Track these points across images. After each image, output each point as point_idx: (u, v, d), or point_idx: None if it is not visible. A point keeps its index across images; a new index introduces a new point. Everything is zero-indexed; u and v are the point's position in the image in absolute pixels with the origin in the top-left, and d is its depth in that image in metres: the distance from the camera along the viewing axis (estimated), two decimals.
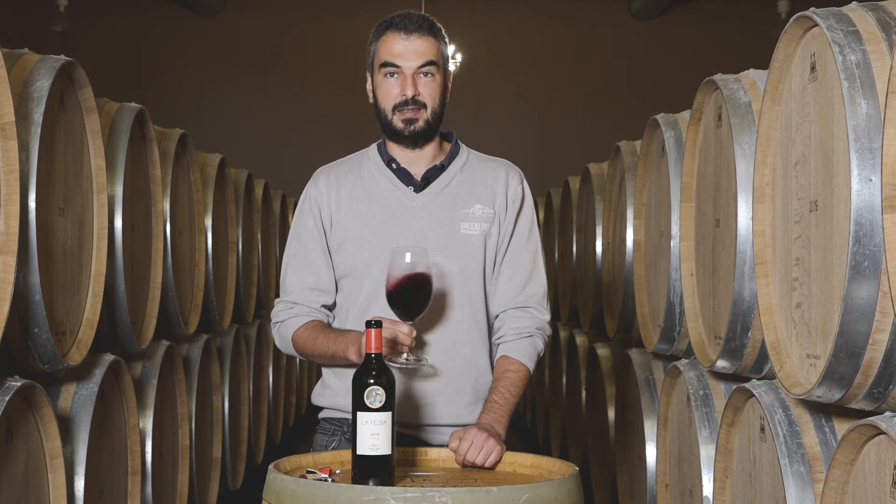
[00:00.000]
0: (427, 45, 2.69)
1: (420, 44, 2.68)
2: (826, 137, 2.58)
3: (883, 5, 2.49)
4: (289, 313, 2.80)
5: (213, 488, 5.58)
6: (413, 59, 2.68)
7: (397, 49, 2.68)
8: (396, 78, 2.69)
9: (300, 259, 2.80)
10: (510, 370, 2.72)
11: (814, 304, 2.65)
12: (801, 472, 2.74)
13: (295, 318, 2.79)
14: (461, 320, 2.73)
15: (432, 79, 2.70)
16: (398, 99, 2.69)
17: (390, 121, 2.71)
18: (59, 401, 3.47)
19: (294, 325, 2.78)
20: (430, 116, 2.71)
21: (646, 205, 4.56)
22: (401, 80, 2.69)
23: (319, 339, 2.71)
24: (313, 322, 2.77)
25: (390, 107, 2.70)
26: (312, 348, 2.73)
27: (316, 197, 2.79)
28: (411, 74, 2.68)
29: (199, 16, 13.31)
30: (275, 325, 2.84)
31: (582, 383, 6.11)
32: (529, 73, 13.44)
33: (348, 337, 2.63)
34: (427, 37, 2.70)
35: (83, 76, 3.48)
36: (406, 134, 2.71)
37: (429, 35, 2.70)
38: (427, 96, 2.69)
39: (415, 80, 2.68)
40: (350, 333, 2.64)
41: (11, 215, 2.80)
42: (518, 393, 2.70)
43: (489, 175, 2.80)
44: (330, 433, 2.79)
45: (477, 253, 2.74)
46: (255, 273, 6.87)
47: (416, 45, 2.68)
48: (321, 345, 2.70)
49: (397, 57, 2.68)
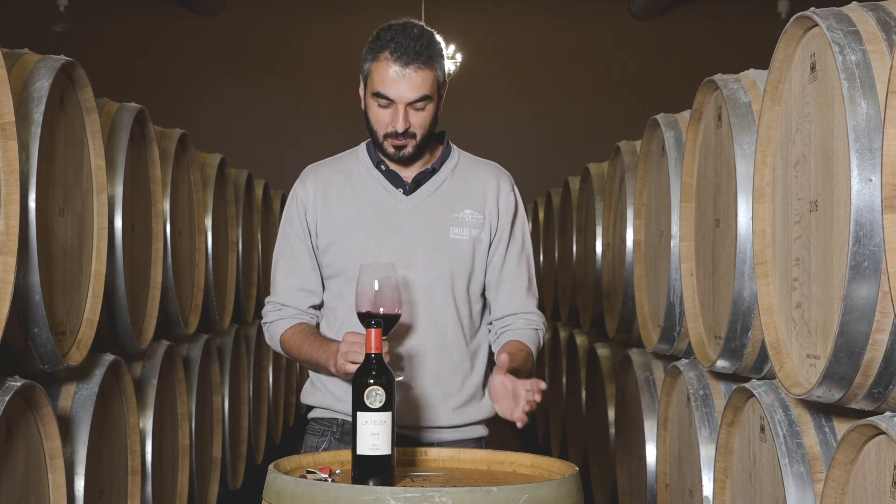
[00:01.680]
0: (422, 79, 2.62)
1: (415, 78, 2.61)
2: (826, 137, 2.58)
3: (883, 5, 2.49)
4: (277, 315, 2.81)
5: (213, 488, 5.58)
6: (407, 93, 2.61)
7: (391, 81, 2.61)
8: (388, 108, 2.64)
9: (287, 259, 2.81)
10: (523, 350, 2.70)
11: (814, 304, 2.65)
12: (801, 472, 2.74)
13: (282, 321, 2.80)
14: (449, 324, 2.73)
15: (424, 110, 2.65)
16: (389, 129, 2.65)
17: (381, 143, 2.69)
18: (59, 401, 3.47)
19: (282, 328, 2.79)
20: (420, 142, 2.69)
21: (646, 205, 4.56)
22: (392, 112, 2.64)
23: (304, 346, 2.72)
24: (300, 325, 2.78)
25: (381, 133, 2.67)
26: (298, 353, 2.75)
27: (303, 197, 2.79)
28: (404, 107, 2.63)
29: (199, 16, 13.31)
30: (264, 324, 2.86)
31: (582, 383, 6.11)
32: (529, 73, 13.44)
33: (330, 349, 2.62)
34: (423, 70, 2.61)
35: (83, 76, 3.48)
36: (395, 159, 2.71)
37: (425, 68, 2.62)
38: (418, 127, 2.66)
39: (406, 113, 2.63)
40: (332, 345, 2.64)
41: (11, 215, 2.80)
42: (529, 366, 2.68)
43: (480, 179, 2.79)
44: (319, 434, 2.79)
45: (466, 257, 2.74)
46: (255, 273, 6.87)
47: (410, 81, 2.61)
48: (306, 352, 2.71)
49: (391, 90, 2.62)
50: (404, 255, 2.68)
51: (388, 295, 2.48)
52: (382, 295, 2.48)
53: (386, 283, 2.48)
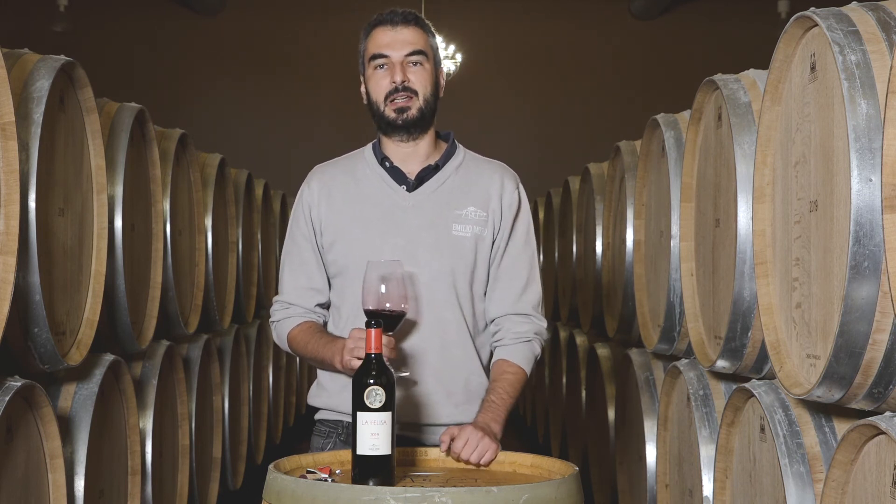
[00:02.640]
0: (414, 35, 2.73)
1: (407, 33, 2.72)
2: (826, 137, 2.58)
3: (883, 5, 2.49)
4: (284, 313, 2.83)
5: (213, 488, 5.58)
6: (401, 47, 2.71)
7: (385, 40, 2.72)
8: (386, 69, 2.71)
9: (294, 258, 2.83)
10: (508, 372, 2.72)
11: (814, 304, 2.65)
12: (801, 472, 2.74)
13: (290, 319, 2.82)
14: (451, 321, 2.73)
15: (421, 67, 2.72)
16: (389, 87, 2.71)
17: (382, 112, 2.72)
18: (59, 401, 3.47)
19: (289, 326, 2.81)
20: (423, 104, 2.72)
21: (646, 205, 4.56)
22: (390, 70, 2.71)
23: (311, 344, 2.73)
24: (307, 324, 2.79)
25: (382, 97, 2.72)
26: (304, 351, 2.77)
27: (308, 197, 2.81)
28: (400, 62, 2.70)
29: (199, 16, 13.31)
30: (272, 323, 2.88)
31: (582, 383, 6.11)
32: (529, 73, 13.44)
33: (335, 345, 2.64)
34: (414, 27, 2.74)
35: (83, 76, 3.48)
36: (399, 123, 2.72)
37: (415, 26, 2.74)
38: (417, 83, 2.71)
39: (404, 67, 2.71)
40: (337, 342, 2.65)
41: (11, 215, 2.80)
42: (515, 395, 2.70)
43: (484, 177, 2.80)
44: (325, 435, 2.80)
45: (468, 255, 2.74)
46: (255, 273, 6.87)
47: (402, 35, 2.72)
48: (312, 349, 2.73)
49: (385, 47, 2.71)
50: (407, 252, 2.69)
51: (395, 292, 2.49)
52: (388, 292, 2.49)
53: (392, 280, 2.49)
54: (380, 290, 2.49)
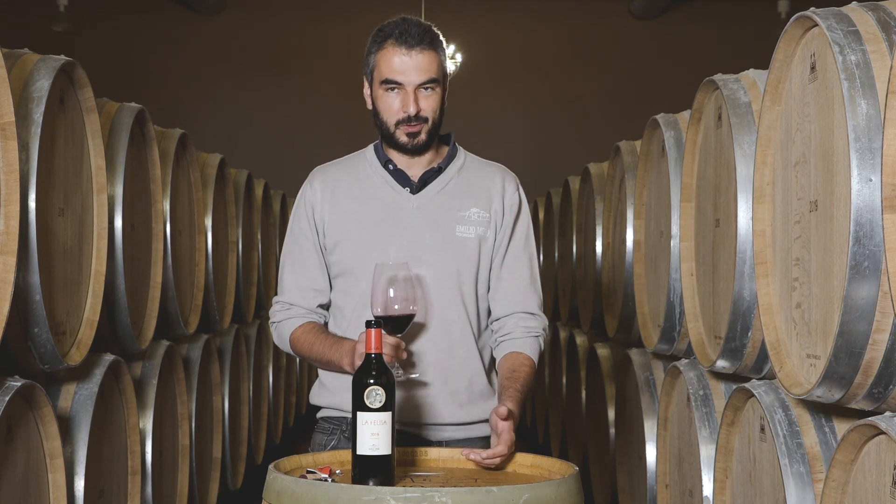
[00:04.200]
0: (428, 61, 2.68)
1: (421, 59, 2.67)
2: (826, 137, 2.58)
3: (883, 5, 2.49)
4: (285, 314, 2.82)
5: (213, 488, 5.58)
6: (415, 75, 2.67)
7: (398, 65, 2.67)
8: (398, 93, 2.69)
9: (296, 258, 2.82)
10: (526, 365, 2.72)
11: (814, 304, 2.65)
12: (801, 472, 2.74)
13: (291, 320, 2.81)
14: (456, 321, 2.74)
15: (433, 92, 2.70)
16: (401, 115, 2.69)
17: (393, 133, 2.72)
18: (59, 401, 3.47)
19: (291, 327, 2.81)
20: (431, 128, 2.72)
21: (646, 205, 4.56)
22: (402, 96, 2.68)
23: (316, 345, 2.73)
24: (310, 324, 2.79)
25: (393, 121, 2.71)
26: (309, 352, 2.76)
27: (310, 197, 2.81)
28: (413, 90, 2.68)
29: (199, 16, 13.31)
30: (272, 324, 2.87)
31: (582, 383, 6.11)
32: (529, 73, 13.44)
33: (343, 347, 2.64)
34: (428, 51, 2.68)
35: (83, 76, 3.48)
36: (409, 147, 2.73)
37: (430, 49, 2.69)
38: (429, 111, 2.70)
39: (416, 96, 2.68)
40: (345, 343, 2.65)
41: (11, 215, 2.80)
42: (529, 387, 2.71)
43: (486, 179, 2.81)
44: (328, 432, 2.80)
45: (472, 255, 2.75)
46: (255, 273, 6.87)
47: (417, 62, 2.67)
48: (317, 351, 2.73)
49: (398, 73, 2.67)
50: (411, 254, 2.69)
51: (403, 294, 2.51)
52: (397, 294, 2.50)
53: (400, 282, 2.50)
54: (388, 292, 2.50)
